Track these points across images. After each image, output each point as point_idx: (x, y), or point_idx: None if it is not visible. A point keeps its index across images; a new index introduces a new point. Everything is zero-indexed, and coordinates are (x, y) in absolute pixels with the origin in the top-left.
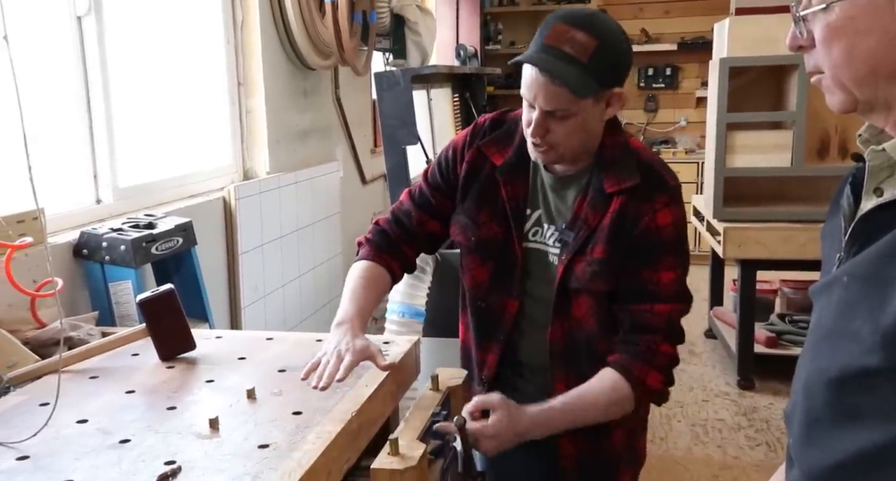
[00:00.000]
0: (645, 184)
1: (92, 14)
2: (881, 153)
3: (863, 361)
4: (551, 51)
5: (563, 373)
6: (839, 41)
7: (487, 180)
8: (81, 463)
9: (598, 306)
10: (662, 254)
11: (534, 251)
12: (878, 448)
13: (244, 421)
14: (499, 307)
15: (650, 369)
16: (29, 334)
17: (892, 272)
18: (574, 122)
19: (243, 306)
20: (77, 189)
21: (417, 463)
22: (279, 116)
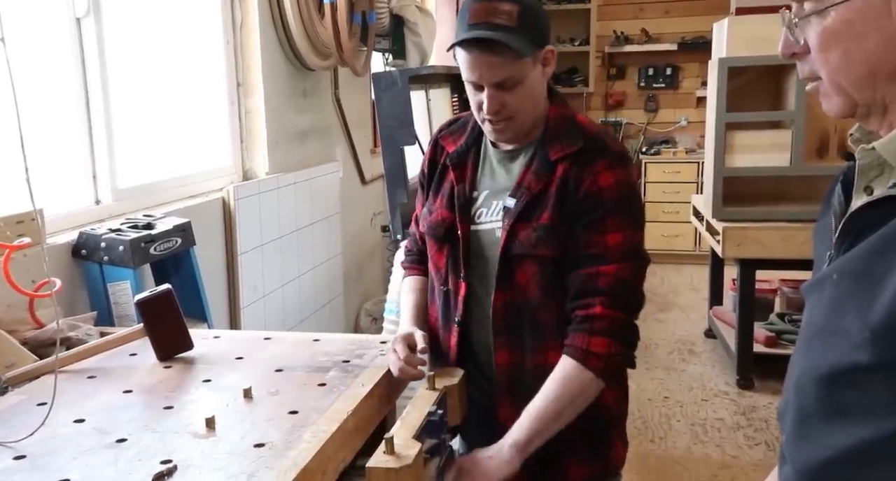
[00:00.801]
0: (587, 149)
1: (91, 15)
2: (871, 152)
3: (853, 358)
4: (481, 26)
5: (504, 343)
6: (837, 45)
7: (442, 169)
8: (78, 462)
9: (542, 273)
10: (607, 216)
11: (480, 233)
12: (868, 444)
13: (241, 421)
14: (454, 290)
15: (591, 336)
16: (27, 334)
17: (880, 268)
18: (523, 89)
19: (242, 306)
20: (76, 190)
21: (413, 462)
22: (278, 117)
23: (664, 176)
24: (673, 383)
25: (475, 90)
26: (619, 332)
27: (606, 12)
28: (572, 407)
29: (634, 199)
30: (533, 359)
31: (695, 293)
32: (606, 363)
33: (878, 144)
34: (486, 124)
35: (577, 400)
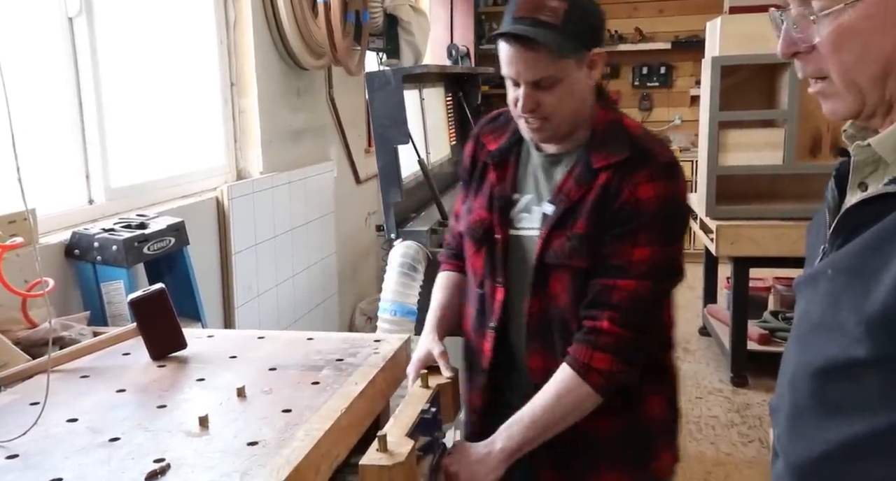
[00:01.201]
0: (632, 158)
1: (83, 15)
2: (866, 148)
3: (849, 352)
4: (524, 21)
5: (538, 348)
6: (853, 41)
7: (483, 167)
8: (70, 461)
9: (574, 283)
10: (639, 229)
11: (521, 239)
12: (862, 438)
13: (234, 419)
14: (490, 294)
15: (593, 351)
16: (20, 334)
17: (875, 264)
18: (562, 89)
19: (237, 306)
20: (69, 189)
21: (406, 459)
22: (272, 116)
23: None
24: None
25: (512, 86)
26: (623, 350)
27: None
28: (565, 421)
29: (674, 215)
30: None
31: (689, 291)
32: (607, 380)
33: (873, 141)
34: (521, 121)
35: (572, 414)
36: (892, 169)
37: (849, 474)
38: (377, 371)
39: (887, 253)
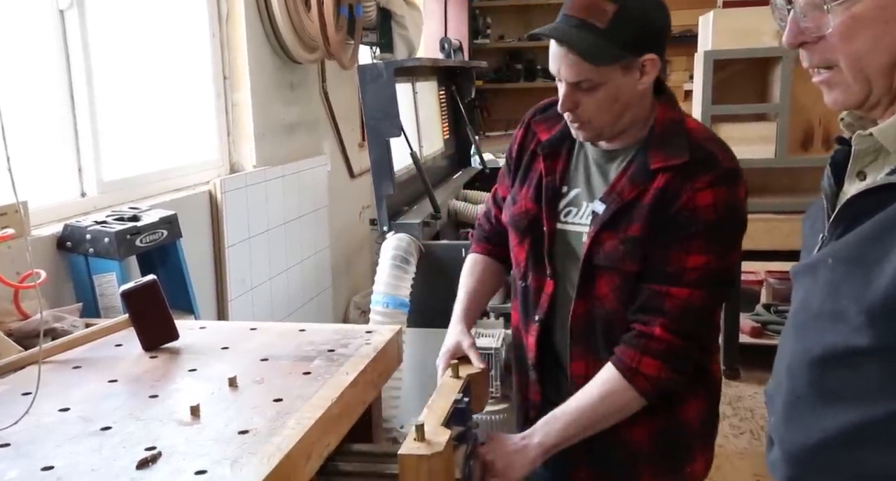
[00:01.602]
0: (693, 162)
1: (74, 7)
2: (868, 138)
3: (849, 341)
4: (569, 20)
5: (581, 353)
6: (866, 31)
7: (532, 157)
8: (62, 449)
9: (625, 286)
10: (695, 236)
11: (568, 233)
12: (859, 427)
13: (225, 408)
14: (536, 287)
15: (642, 356)
16: (12, 326)
17: (876, 253)
18: (603, 94)
19: (230, 299)
20: (62, 182)
21: (444, 449)
22: (265, 110)
23: None
24: None
25: (559, 81)
26: (673, 358)
27: None
28: (606, 422)
29: (733, 223)
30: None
31: None
32: (654, 386)
33: (875, 130)
34: (565, 117)
35: (614, 416)
36: (892, 158)
37: (845, 462)
38: (368, 361)
39: (888, 242)
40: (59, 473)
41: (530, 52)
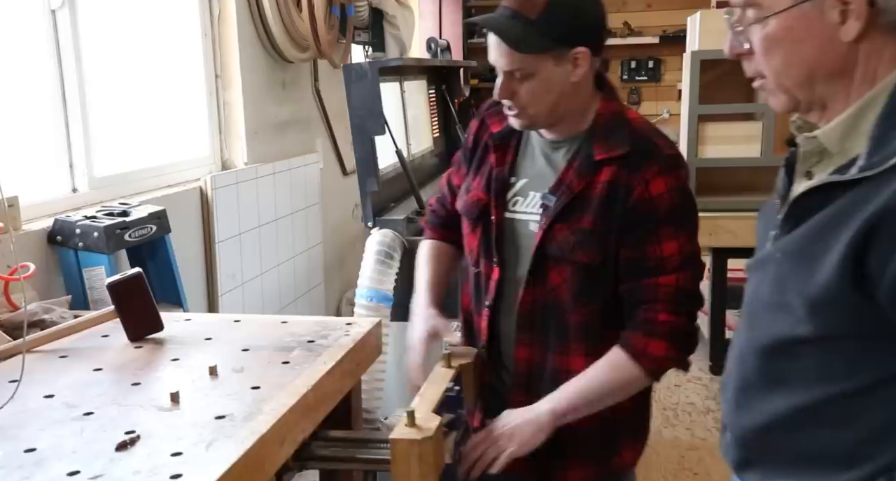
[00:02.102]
0: (635, 153)
1: (66, 7)
2: (812, 140)
3: (793, 331)
4: (503, 10)
5: (526, 339)
6: (778, 49)
7: (484, 148)
8: (46, 433)
9: (576, 277)
10: (661, 225)
11: (513, 221)
12: (800, 409)
13: (205, 395)
14: (486, 273)
15: (649, 338)
16: (2, 317)
17: (817, 249)
18: (537, 83)
19: (220, 293)
20: (53, 178)
21: (433, 434)
22: (257, 108)
23: None
24: None
25: (498, 71)
26: (679, 337)
27: None
28: (612, 398)
29: (687, 205)
30: (554, 360)
31: None
32: (659, 365)
33: (820, 133)
34: (504, 108)
35: (620, 392)
36: (836, 159)
37: (788, 443)
38: (346, 352)
39: (829, 239)
40: (41, 454)
41: None
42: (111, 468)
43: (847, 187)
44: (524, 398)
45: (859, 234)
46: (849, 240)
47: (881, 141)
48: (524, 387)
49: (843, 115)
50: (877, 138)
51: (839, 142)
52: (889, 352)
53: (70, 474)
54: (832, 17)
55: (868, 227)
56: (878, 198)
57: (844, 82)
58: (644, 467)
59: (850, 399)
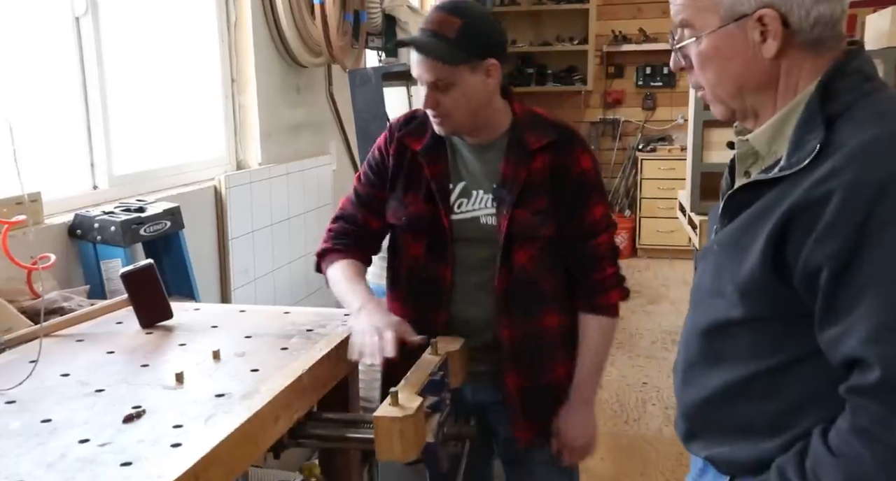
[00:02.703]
0: (561, 139)
1: (89, 14)
2: (745, 143)
3: (728, 314)
4: (426, 33)
5: (505, 313)
6: (711, 65)
7: (411, 165)
8: (61, 406)
9: (540, 251)
10: (592, 194)
11: (461, 222)
12: (732, 385)
13: (208, 377)
14: (437, 275)
15: (608, 292)
16: (25, 304)
17: (746, 240)
18: (457, 91)
19: (233, 288)
20: (75, 176)
21: (414, 413)
22: (271, 111)
23: (659, 172)
24: (653, 370)
25: (422, 85)
26: (621, 280)
27: (605, 12)
28: (607, 353)
29: (601, 177)
30: (532, 325)
31: (685, 287)
32: (618, 308)
33: (750, 137)
34: (430, 118)
35: (609, 345)
36: (766, 160)
37: (723, 414)
38: (341, 340)
39: (756, 231)
40: (55, 425)
41: (542, 57)
42: (118, 437)
43: (772, 185)
44: (515, 373)
45: (777, 227)
46: (769, 232)
47: (798, 144)
48: (513, 363)
49: (769, 121)
50: (794, 142)
51: (767, 144)
52: (806, 332)
53: (81, 441)
54: (754, 36)
55: (784, 221)
56: (793, 195)
57: (770, 93)
58: (643, 464)
59: (772, 375)
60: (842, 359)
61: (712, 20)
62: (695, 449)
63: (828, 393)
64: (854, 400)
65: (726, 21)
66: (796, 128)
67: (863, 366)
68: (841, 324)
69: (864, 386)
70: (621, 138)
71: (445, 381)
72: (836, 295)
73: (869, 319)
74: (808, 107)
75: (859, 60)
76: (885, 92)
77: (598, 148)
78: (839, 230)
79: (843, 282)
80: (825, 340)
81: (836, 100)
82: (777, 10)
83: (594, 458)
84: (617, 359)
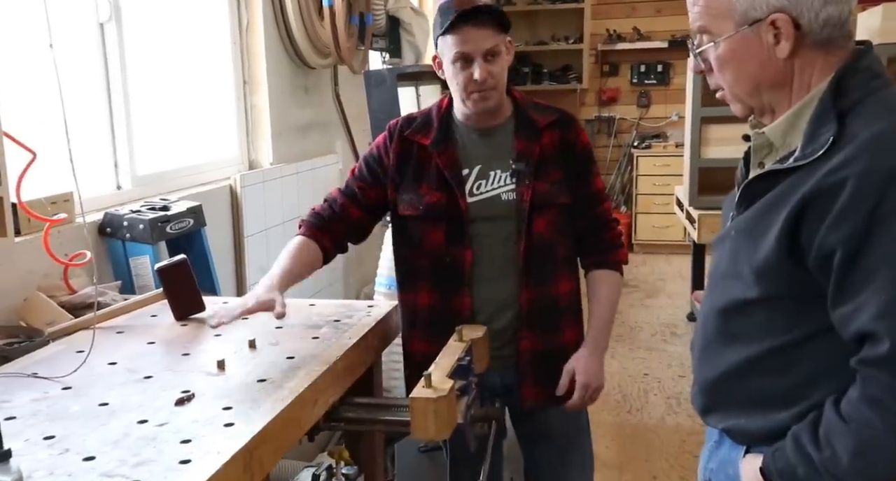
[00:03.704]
0: (562, 117)
1: (113, 21)
2: (761, 135)
3: (744, 294)
4: (466, 10)
5: (526, 281)
6: (728, 67)
7: (419, 160)
8: (114, 392)
9: (557, 219)
10: (592, 166)
11: (480, 203)
12: (749, 360)
13: (246, 364)
14: (458, 258)
15: (619, 249)
16: (63, 299)
17: (763, 226)
18: (502, 61)
19: (249, 284)
20: (100, 176)
21: (448, 394)
22: (281, 112)
23: (654, 169)
24: (653, 361)
25: (463, 65)
26: (622, 239)
27: (599, 11)
28: (616, 304)
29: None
30: (547, 290)
31: (682, 281)
32: (624, 263)
33: (766, 129)
34: (472, 96)
35: (618, 299)
36: (780, 151)
37: (739, 389)
38: (368, 329)
39: (772, 217)
40: (112, 407)
41: (537, 56)
42: (173, 418)
43: (787, 174)
44: (531, 335)
45: (792, 213)
46: (785, 218)
47: (812, 137)
48: (528, 326)
49: (784, 115)
50: (809, 135)
51: (782, 137)
52: (818, 310)
53: (140, 422)
54: (768, 39)
55: (799, 207)
56: (808, 183)
57: (785, 91)
58: (647, 451)
59: (786, 351)
60: (853, 334)
61: (728, 26)
62: (712, 421)
63: (839, 366)
64: (865, 371)
65: (741, 26)
66: (810, 122)
67: (873, 340)
68: (853, 302)
69: (874, 357)
70: (616, 135)
71: (472, 366)
72: (849, 275)
73: (879, 296)
74: (822, 102)
75: (868, 59)
76: (893, 88)
77: (594, 145)
78: (851, 215)
79: (854, 263)
80: (838, 317)
81: (847, 96)
82: (788, 14)
83: (599, 446)
84: (618, 352)
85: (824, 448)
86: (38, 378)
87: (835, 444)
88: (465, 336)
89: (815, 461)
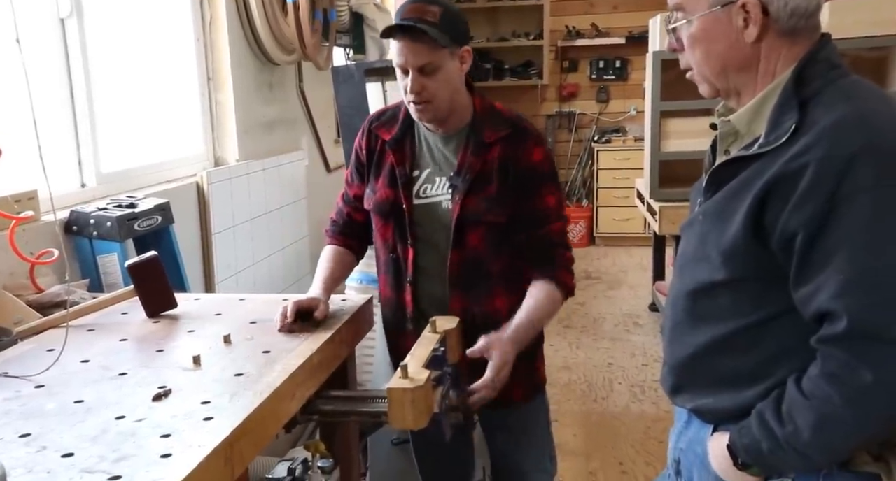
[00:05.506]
0: (515, 133)
1: (74, 16)
2: (727, 123)
3: (712, 277)
4: (410, 20)
5: (457, 293)
6: (699, 46)
7: (380, 154)
8: (89, 388)
9: (490, 234)
10: (542, 185)
11: (424, 206)
12: (716, 340)
13: (222, 358)
14: (402, 256)
15: (568, 274)
16: (30, 298)
17: (729, 210)
18: (442, 75)
19: (217, 281)
20: (63, 174)
21: (424, 384)
22: (246, 108)
23: (615, 163)
24: (617, 351)
25: (402, 74)
26: (571, 266)
27: (558, 8)
28: (548, 319)
29: (556, 169)
30: (481, 305)
31: (643, 272)
32: (568, 294)
33: (732, 117)
34: (411, 106)
35: (551, 316)
36: (745, 139)
37: (708, 368)
38: (342, 323)
39: (738, 201)
40: (88, 404)
41: (498, 52)
42: (151, 413)
43: (752, 160)
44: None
45: (757, 197)
46: (750, 202)
47: (776, 124)
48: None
49: (749, 104)
50: (772, 122)
51: (747, 125)
52: (782, 291)
53: (117, 418)
54: (738, 22)
55: (764, 192)
56: (772, 169)
57: (751, 74)
58: (613, 438)
59: (751, 331)
60: (814, 313)
61: (702, 4)
62: (680, 401)
63: (801, 345)
64: (824, 349)
65: (714, 6)
66: (773, 110)
67: (832, 318)
68: (813, 282)
69: (832, 335)
70: (577, 130)
71: (445, 357)
72: (810, 256)
73: (837, 276)
74: (784, 91)
75: (827, 50)
76: (849, 78)
77: (554, 140)
78: (813, 199)
79: (815, 244)
80: (799, 297)
81: (808, 85)
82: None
83: (567, 434)
84: (582, 342)
85: (787, 423)
86: (9, 377)
87: (797, 419)
88: (438, 327)
89: (779, 436)
